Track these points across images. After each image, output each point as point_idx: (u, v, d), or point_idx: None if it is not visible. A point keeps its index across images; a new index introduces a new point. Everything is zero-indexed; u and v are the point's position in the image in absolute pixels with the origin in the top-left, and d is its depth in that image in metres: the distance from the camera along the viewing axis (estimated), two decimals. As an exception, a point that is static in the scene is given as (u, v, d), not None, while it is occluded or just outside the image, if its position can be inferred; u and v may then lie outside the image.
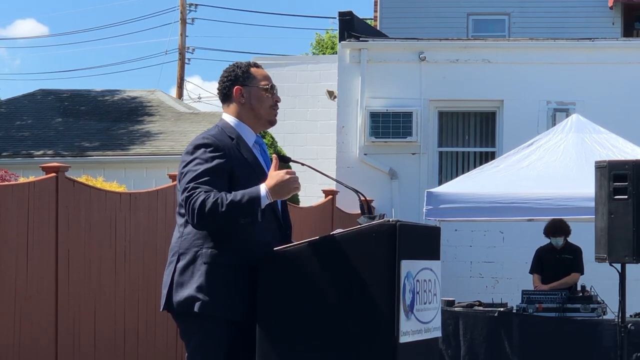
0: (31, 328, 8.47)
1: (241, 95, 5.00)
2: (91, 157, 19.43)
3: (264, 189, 4.72)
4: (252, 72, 5.02)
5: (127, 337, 9.78)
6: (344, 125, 16.13)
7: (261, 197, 4.71)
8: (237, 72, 5.02)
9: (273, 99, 5.02)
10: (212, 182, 4.74)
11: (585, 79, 15.68)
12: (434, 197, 11.81)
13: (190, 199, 4.71)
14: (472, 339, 11.38)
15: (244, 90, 5.00)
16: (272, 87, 5.02)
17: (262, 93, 5.00)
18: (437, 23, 22.75)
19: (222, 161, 4.81)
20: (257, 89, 5.00)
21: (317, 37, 37.70)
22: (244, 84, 5.00)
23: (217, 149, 4.83)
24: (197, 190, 4.72)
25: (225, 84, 5.02)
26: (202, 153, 4.81)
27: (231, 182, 4.81)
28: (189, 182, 4.75)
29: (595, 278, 11.80)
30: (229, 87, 5.01)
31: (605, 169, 9.53)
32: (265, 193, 4.72)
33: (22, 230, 8.42)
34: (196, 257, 4.81)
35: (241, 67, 5.03)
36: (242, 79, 5.00)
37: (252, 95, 4.99)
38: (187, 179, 4.77)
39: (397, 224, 4.70)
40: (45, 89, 24.19)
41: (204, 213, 4.67)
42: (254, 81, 5.00)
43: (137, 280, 9.91)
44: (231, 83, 5.01)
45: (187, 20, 33.88)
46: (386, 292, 4.67)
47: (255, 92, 5.00)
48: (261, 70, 5.06)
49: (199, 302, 4.76)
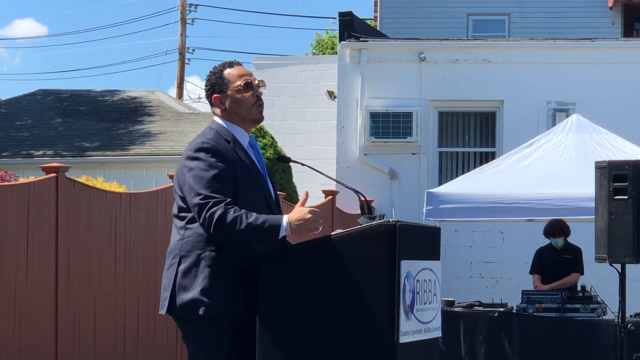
0: (31, 328, 8.48)
1: (220, 102, 4.97)
2: (91, 157, 19.42)
3: (285, 221, 4.72)
4: (225, 75, 4.96)
5: (126, 337, 9.78)
6: (344, 125, 16.12)
7: (281, 228, 4.71)
8: (212, 80, 4.98)
9: (253, 96, 4.95)
10: (222, 189, 4.74)
11: (585, 79, 15.67)
12: (434, 197, 11.81)
13: (207, 208, 4.70)
14: (472, 339, 11.37)
15: (221, 96, 4.96)
16: (246, 85, 4.93)
17: (238, 95, 4.94)
18: (437, 23, 22.74)
19: (225, 165, 4.80)
20: (232, 92, 4.94)
21: (317, 37, 37.73)
22: (220, 91, 4.96)
23: (218, 153, 4.82)
24: (213, 200, 4.71)
25: (207, 94, 5.02)
26: (205, 157, 4.80)
27: (233, 186, 4.81)
28: (201, 189, 4.74)
29: (595, 278, 11.80)
30: (209, 97, 5.00)
31: (605, 169, 9.53)
32: (286, 225, 4.72)
33: (22, 230, 8.42)
34: (199, 260, 4.80)
35: (215, 74, 4.99)
36: (218, 85, 4.96)
37: (229, 101, 4.95)
38: (198, 185, 4.75)
39: (397, 224, 4.70)
40: (45, 89, 24.18)
41: (222, 227, 4.68)
42: (228, 85, 4.94)
43: (137, 280, 9.91)
44: (210, 92, 4.99)
45: (187, 20, 33.88)
46: (386, 292, 4.67)
47: (231, 96, 4.95)
48: (235, 70, 4.97)
49: (204, 304, 4.75)
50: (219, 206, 4.69)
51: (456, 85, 15.95)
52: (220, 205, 4.69)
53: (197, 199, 4.73)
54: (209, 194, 4.72)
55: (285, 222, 4.72)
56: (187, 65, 33.94)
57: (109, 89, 24.03)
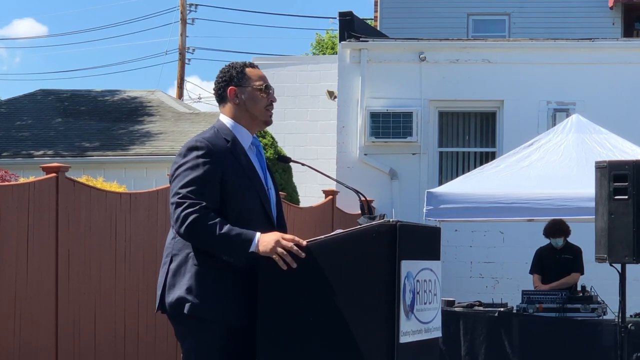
0: (31, 328, 8.47)
1: (235, 96, 4.97)
2: (91, 157, 19.42)
3: (257, 238, 4.70)
4: (247, 72, 4.98)
5: (127, 337, 9.78)
6: (344, 125, 16.13)
7: (252, 244, 4.69)
8: (231, 73, 4.99)
9: (268, 99, 4.98)
10: (202, 191, 4.73)
11: (585, 79, 15.68)
12: (434, 197, 11.82)
13: (183, 208, 4.70)
14: (472, 339, 11.38)
15: (238, 90, 4.97)
16: (266, 87, 4.98)
17: (257, 93, 4.96)
18: (437, 23, 22.74)
19: (213, 167, 4.78)
20: (251, 89, 4.96)
21: (317, 37, 37.72)
22: (238, 85, 4.97)
23: (209, 153, 4.80)
24: (190, 200, 4.70)
25: (221, 85, 5.00)
26: (194, 158, 4.79)
27: (222, 188, 4.79)
28: (180, 188, 4.74)
29: (595, 278, 11.80)
30: (224, 88, 4.99)
31: (605, 169, 9.53)
32: (256, 242, 4.69)
33: (22, 230, 8.42)
34: (188, 259, 4.80)
35: (236, 68, 5.00)
36: (237, 79, 4.97)
37: (247, 96, 4.96)
38: (179, 184, 4.76)
39: (397, 224, 4.70)
40: (45, 89, 24.18)
41: (193, 230, 4.68)
42: (249, 81, 4.96)
43: (137, 280, 9.91)
44: (226, 84, 4.99)
45: (187, 20, 33.89)
46: (386, 292, 4.66)
47: (250, 92, 4.96)
48: (257, 71, 5.01)
49: (189, 303, 4.74)
50: (195, 208, 4.68)
51: (456, 85, 15.95)
52: (196, 208, 4.68)
53: (175, 198, 4.75)
54: (188, 194, 4.72)
55: (256, 239, 4.69)
56: (187, 65, 33.97)
57: (109, 89, 24.03)
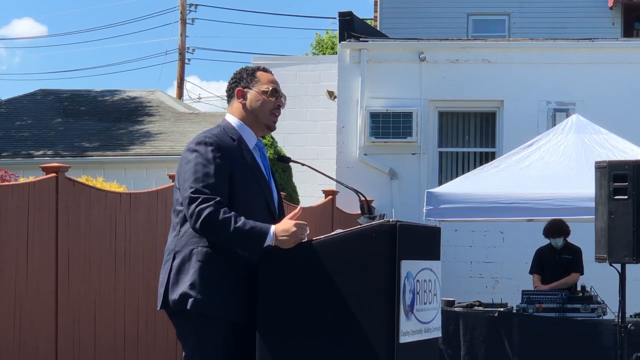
0: (31, 328, 8.47)
1: (242, 96, 5.04)
2: (91, 157, 19.42)
3: (272, 231, 4.73)
4: (258, 75, 5.07)
5: (127, 338, 9.78)
6: (344, 125, 16.13)
7: (267, 237, 4.72)
8: (242, 74, 5.09)
9: (275, 103, 5.04)
10: (216, 186, 4.76)
11: (585, 79, 15.68)
12: (434, 197, 11.81)
13: (197, 203, 4.72)
14: (472, 339, 11.37)
15: (245, 91, 5.04)
16: (274, 90, 5.04)
17: (263, 96, 5.02)
18: (437, 23, 22.74)
19: (223, 162, 4.82)
20: (259, 91, 5.03)
21: (317, 37, 37.70)
22: (246, 86, 5.05)
23: (219, 149, 4.84)
24: (204, 195, 4.73)
25: (231, 85, 5.10)
26: (205, 152, 4.83)
27: (230, 184, 4.82)
28: (193, 182, 4.77)
29: (595, 278, 11.80)
30: (233, 88, 5.08)
31: (605, 169, 9.53)
32: (272, 234, 4.73)
33: (22, 230, 8.42)
34: (191, 255, 4.82)
35: (248, 70, 5.11)
36: (247, 80, 5.06)
37: (253, 97, 5.03)
38: (191, 179, 4.78)
39: (397, 224, 4.70)
40: (45, 89, 24.18)
41: (208, 224, 4.70)
42: (257, 84, 5.04)
43: (137, 280, 9.91)
44: (236, 84, 5.08)
45: (187, 20, 33.88)
46: (386, 292, 4.67)
47: (257, 94, 5.03)
48: (268, 75, 5.09)
49: (192, 299, 4.76)
50: (209, 203, 4.71)
51: (456, 85, 15.95)
52: (210, 203, 4.71)
53: (189, 192, 4.76)
54: (201, 189, 4.75)
55: (272, 231, 4.73)
56: (187, 65, 33.96)
57: (109, 89, 24.03)
